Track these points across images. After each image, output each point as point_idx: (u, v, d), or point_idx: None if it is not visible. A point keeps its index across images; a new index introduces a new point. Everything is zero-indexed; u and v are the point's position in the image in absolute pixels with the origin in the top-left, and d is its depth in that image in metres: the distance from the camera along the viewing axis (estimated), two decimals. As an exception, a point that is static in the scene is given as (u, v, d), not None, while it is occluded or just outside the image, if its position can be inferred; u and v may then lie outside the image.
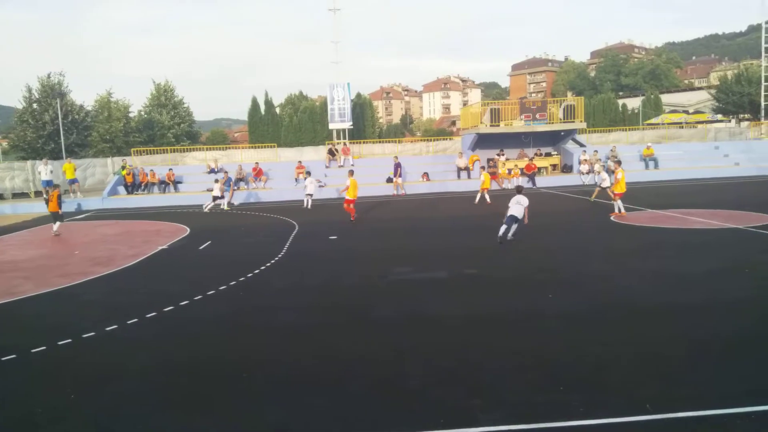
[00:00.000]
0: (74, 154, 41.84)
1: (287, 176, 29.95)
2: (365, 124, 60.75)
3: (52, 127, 42.96)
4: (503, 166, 29.77)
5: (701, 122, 51.68)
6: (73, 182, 29.00)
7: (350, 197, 18.74)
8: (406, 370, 6.33)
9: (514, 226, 13.52)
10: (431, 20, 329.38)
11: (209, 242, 15.54)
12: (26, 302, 9.99)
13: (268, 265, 12.19)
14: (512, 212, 13.47)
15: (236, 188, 28.24)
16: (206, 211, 23.38)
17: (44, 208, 26.50)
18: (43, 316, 9.19)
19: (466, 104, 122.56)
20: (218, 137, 78.42)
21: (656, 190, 24.44)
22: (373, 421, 5.15)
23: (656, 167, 30.89)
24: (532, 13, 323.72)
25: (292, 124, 59.43)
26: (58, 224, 17.84)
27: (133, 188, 29.50)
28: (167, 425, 5.29)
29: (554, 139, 32.29)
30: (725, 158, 32.24)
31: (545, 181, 29.43)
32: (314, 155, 35.90)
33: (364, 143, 39.58)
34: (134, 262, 13.27)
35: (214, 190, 23.85)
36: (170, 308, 9.03)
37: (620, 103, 66.10)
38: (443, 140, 42.27)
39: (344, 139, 36.39)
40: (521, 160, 30.59)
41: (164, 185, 29.56)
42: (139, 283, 11.30)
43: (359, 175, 30.13)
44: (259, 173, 29.70)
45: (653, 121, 55.77)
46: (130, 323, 8.33)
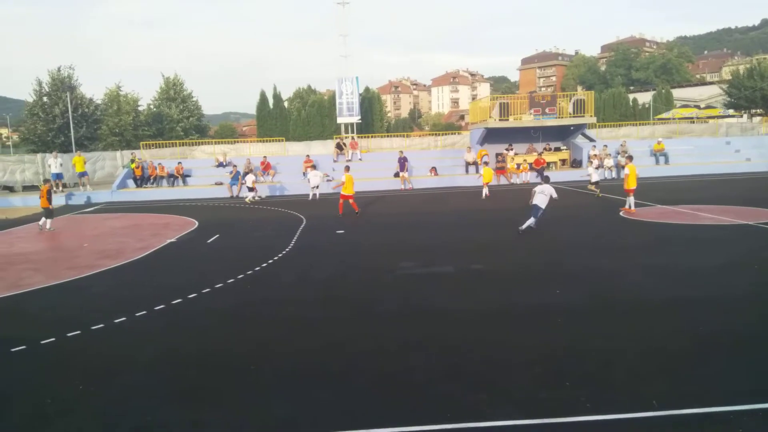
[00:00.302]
0: (84, 147, 42.12)
1: (295, 170, 30.00)
2: (373, 118, 60.65)
3: (62, 120, 43.27)
4: (512, 160, 29.64)
5: (712, 117, 51.15)
6: (82, 175, 29.26)
7: (347, 193, 18.73)
8: (411, 364, 6.34)
9: (539, 213, 13.56)
10: (440, 15, 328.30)
11: (217, 236, 15.62)
12: (36, 294, 10.09)
13: (275, 258, 12.23)
14: (536, 201, 13.49)
15: (244, 182, 28.35)
16: (248, 201, 24.47)
17: (55, 200, 26.80)
18: (52, 308, 9.28)
19: (474, 98, 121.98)
20: (227, 131, 78.58)
21: (666, 185, 24.26)
22: (378, 415, 5.17)
23: (666, 162, 30.63)
24: (542, 6, 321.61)
25: (300, 118, 59.49)
26: (49, 221, 17.50)
27: (142, 182, 29.67)
28: (175, 417, 5.33)
29: (564, 133, 32.07)
30: (736, 154, 31.92)
31: (554, 175, 29.20)
32: (322, 149, 35.90)
33: (372, 137, 39.52)
34: (143, 255, 13.36)
35: (247, 181, 25.06)
36: (178, 301, 9.09)
37: (631, 97, 65.67)
38: (452, 135, 42.08)
39: (352, 133, 36.34)
40: (530, 154, 30.43)
41: (173, 179, 29.71)
42: (147, 275, 11.38)
43: (368, 169, 30.38)
44: (267, 167, 29.79)
45: (664, 115, 55.30)
46: (138, 315, 8.40)
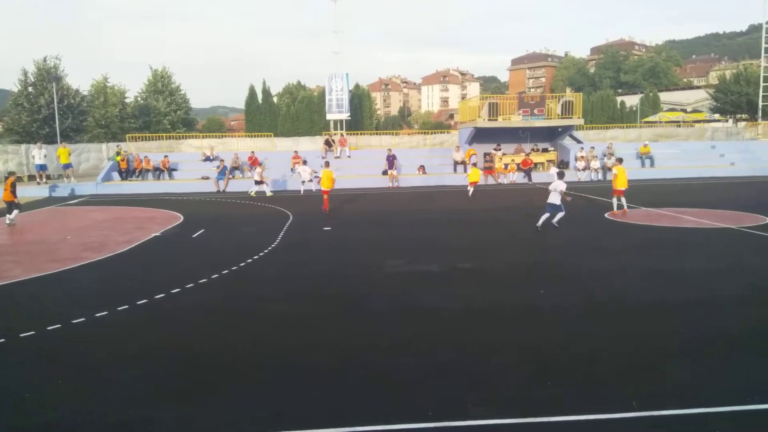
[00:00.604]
0: (69, 138, 41.56)
1: (283, 166, 29.85)
2: (363, 115, 60.62)
3: (47, 111, 42.65)
4: (500, 160, 29.73)
5: (699, 121, 51.78)
6: (67, 167, 28.88)
7: (325, 188, 18.76)
8: (401, 362, 6.31)
9: (559, 214, 13.73)
10: (431, 13, 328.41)
11: (203, 230, 15.49)
12: (16, 286, 9.92)
13: (261, 254, 12.15)
14: (550, 200, 13.60)
15: (231, 177, 28.20)
16: (252, 194, 24.74)
17: (38, 191, 26.47)
18: (32, 300, 9.12)
19: (464, 98, 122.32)
20: (215, 125, 78.15)
21: (652, 188, 24.46)
22: (369, 412, 5.13)
23: (652, 165, 30.93)
24: (533, 7, 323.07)
25: (289, 113, 59.28)
26: (15, 212, 16.79)
27: (127, 174, 29.35)
28: (156, 413, 5.24)
29: (552, 134, 32.24)
30: (721, 158, 32.32)
31: (542, 176, 29.41)
32: (311, 145, 35.78)
33: (361, 134, 39.50)
34: (127, 248, 13.20)
35: (254, 175, 25.46)
36: (161, 295, 8.98)
37: (619, 100, 66.30)
38: (441, 133, 42.20)
39: (341, 130, 36.25)
40: (518, 155, 30.56)
41: (159, 172, 29.43)
42: (131, 269, 11.23)
43: (356, 166, 30.37)
44: (254, 162, 29.61)
45: (651, 119, 55.85)
46: (120, 310, 8.28)
